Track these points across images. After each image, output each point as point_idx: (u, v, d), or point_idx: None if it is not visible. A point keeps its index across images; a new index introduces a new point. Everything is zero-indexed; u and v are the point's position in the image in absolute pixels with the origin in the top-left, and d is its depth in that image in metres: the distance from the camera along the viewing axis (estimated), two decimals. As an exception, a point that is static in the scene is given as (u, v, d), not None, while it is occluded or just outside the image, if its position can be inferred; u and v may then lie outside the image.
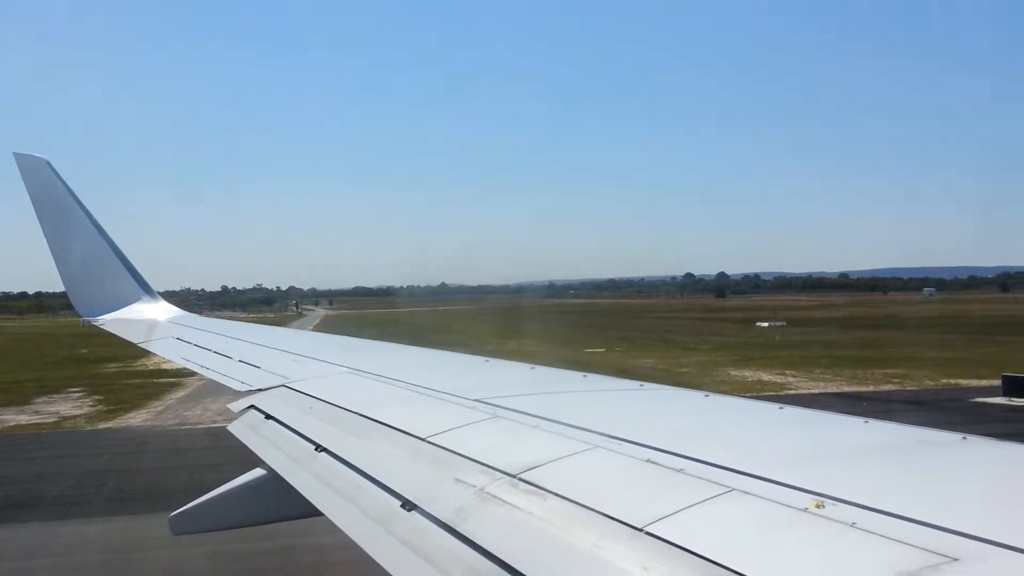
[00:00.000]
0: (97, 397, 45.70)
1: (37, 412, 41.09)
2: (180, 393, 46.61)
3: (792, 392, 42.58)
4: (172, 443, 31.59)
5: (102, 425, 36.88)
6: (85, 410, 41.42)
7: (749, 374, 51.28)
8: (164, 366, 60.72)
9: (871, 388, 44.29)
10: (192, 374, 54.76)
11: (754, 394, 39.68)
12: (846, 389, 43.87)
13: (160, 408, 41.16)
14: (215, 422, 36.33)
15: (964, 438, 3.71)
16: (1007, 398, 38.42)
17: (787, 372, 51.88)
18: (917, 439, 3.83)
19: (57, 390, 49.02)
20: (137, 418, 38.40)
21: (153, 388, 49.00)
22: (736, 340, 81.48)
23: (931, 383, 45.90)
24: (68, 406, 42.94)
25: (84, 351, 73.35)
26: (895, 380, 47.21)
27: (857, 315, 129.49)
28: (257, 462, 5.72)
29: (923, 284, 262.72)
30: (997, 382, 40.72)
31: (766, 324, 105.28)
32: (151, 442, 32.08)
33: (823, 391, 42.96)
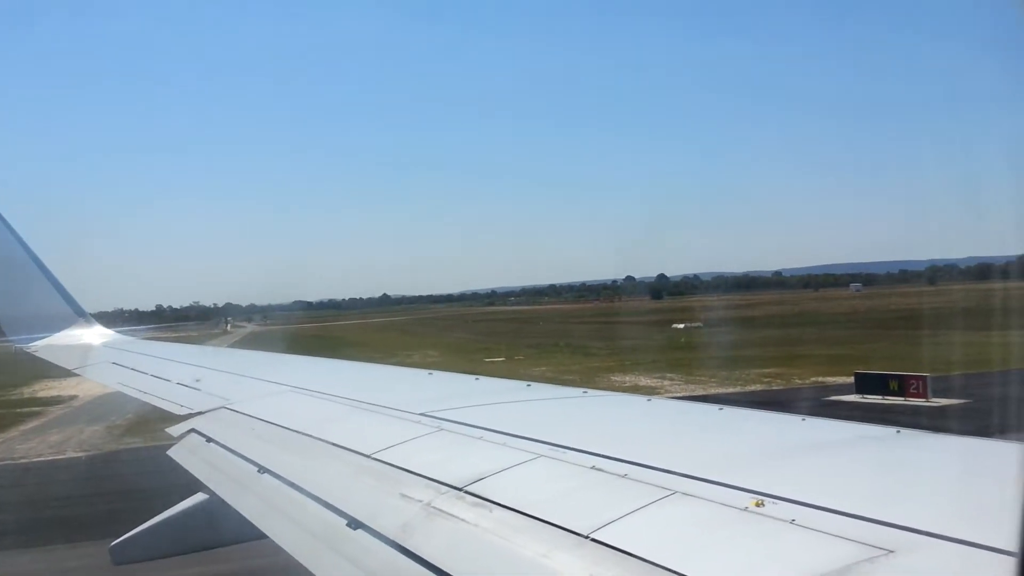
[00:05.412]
0: (-62, 432, 43.25)
1: None
2: (31, 424, 44.43)
3: (658, 396, 42.23)
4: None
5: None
6: (-87, 447, 39.08)
7: (629, 379, 51.12)
8: (40, 394, 58.24)
9: (738, 389, 44.40)
10: (59, 403, 52.01)
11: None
12: (713, 391, 43.85)
13: (-5, 442, 39.04)
14: (40, 456, 34.67)
15: (898, 431, 3.82)
16: (860, 395, 38.62)
17: (667, 375, 51.84)
18: (853, 434, 4.00)
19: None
20: (-40, 454, 36.29)
21: (7, 420, 46.54)
22: (641, 343, 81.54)
23: (800, 382, 46.25)
24: (-101, 444, 40.52)
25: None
26: (766, 379, 47.45)
27: (777, 313, 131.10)
28: (199, 486, 5.58)
29: (854, 280, 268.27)
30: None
31: (682, 326, 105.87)
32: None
33: (690, 394, 42.83)
